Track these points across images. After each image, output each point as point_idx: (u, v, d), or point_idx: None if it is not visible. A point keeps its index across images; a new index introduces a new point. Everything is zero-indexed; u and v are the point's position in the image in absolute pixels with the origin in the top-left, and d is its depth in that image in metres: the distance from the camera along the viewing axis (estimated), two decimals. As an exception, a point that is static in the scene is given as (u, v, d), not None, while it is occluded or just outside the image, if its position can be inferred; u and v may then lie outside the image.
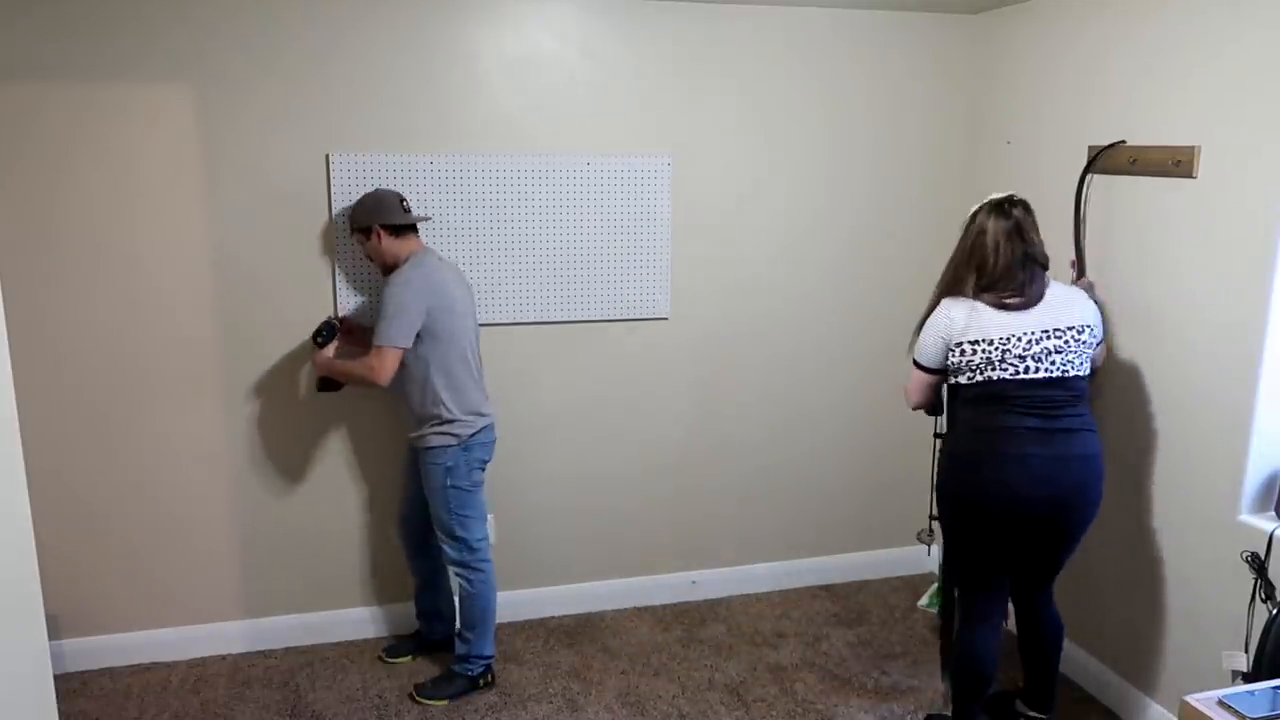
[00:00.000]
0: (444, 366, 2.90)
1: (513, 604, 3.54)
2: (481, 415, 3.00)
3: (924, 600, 3.75)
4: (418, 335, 2.85)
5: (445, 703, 3.05)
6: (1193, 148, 2.62)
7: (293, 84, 3.03)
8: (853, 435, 3.83)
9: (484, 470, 3.05)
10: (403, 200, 2.95)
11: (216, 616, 3.32)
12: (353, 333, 3.13)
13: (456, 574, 3.07)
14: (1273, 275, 2.43)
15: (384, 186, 3.05)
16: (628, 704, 3.07)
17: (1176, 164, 2.67)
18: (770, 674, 3.25)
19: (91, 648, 3.20)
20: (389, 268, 2.92)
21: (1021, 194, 2.44)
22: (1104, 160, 2.93)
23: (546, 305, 3.38)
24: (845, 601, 3.77)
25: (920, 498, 3.95)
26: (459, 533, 2.99)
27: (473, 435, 2.96)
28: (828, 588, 3.88)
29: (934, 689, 3.15)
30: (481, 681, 3.12)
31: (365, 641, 3.42)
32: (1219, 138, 2.56)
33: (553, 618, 3.60)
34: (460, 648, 3.11)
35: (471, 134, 3.20)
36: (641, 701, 3.09)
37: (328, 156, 3.08)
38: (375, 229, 2.89)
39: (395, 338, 2.81)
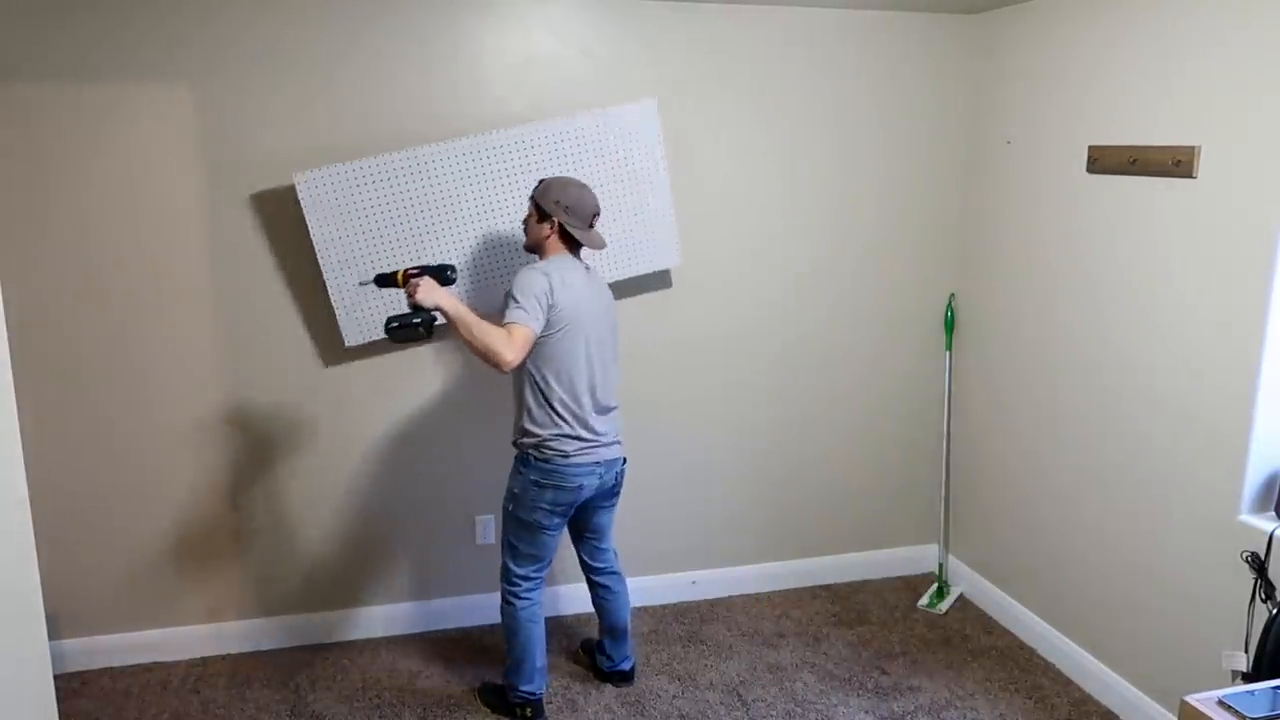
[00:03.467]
0: None
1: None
2: None
3: (924, 600, 3.76)
4: None
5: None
6: (1193, 148, 2.62)
7: (294, 84, 3.03)
8: (853, 435, 3.83)
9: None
10: (595, 217, 2.77)
11: (216, 616, 3.32)
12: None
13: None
14: (1272, 275, 2.43)
15: (582, 190, 2.76)
16: (628, 704, 3.08)
17: (1176, 164, 2.67)
18: (770, 674, 3.26)
19: (91, 648, 3.21)
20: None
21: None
22: (1104, 160, 2.94)
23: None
24: (845, 601, 3.77)
25: (921, 498, 3.96)
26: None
27: None
28: (828, 588, 3.88)
29: (932, 688, 3.15)
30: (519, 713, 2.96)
31: (365, 641, 3.42)
32: (1219, 138, 2.56)
33: (552, 617, 3.60)
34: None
35: (471, 134, 3.20)
36: (641, 701, 3.09)
37: (328, 157, 3.08)
38: (555, 222, 2.71)
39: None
